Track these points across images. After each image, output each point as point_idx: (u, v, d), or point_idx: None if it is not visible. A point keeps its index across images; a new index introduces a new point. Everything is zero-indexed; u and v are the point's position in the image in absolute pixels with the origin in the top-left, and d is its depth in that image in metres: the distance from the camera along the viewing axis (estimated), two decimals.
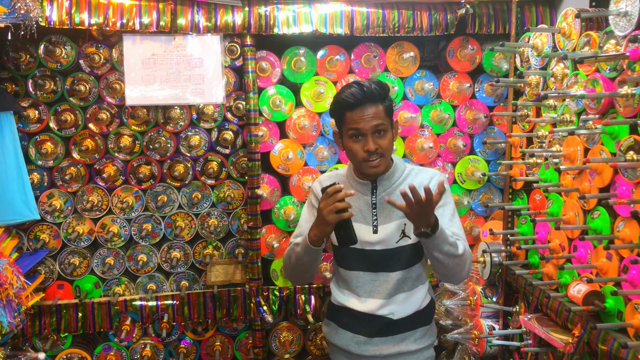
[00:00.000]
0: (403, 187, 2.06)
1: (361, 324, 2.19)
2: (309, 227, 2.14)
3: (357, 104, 2.02)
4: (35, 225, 2.74)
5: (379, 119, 2.03)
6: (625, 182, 1.93)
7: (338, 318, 2.26)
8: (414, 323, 2.20)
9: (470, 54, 2.87)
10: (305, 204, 2.33)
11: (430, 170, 2.25)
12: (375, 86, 2.04)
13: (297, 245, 2.14)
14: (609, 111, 2.03)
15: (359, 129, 2.03)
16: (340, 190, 1.93)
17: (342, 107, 2.06)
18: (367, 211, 2.16)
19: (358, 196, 2.17)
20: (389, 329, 2.17)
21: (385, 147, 2.06)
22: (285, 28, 2.70)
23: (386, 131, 2.06)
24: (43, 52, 2.63)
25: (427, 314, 2.26)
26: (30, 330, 2.74)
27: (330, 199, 1.94)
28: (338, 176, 2.29)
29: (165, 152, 2.80)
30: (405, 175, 2.19)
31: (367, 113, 2.02)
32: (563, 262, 2.25)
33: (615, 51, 1.95)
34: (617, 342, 1.89)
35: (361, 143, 2.05)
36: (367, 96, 2.02)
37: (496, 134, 2.96)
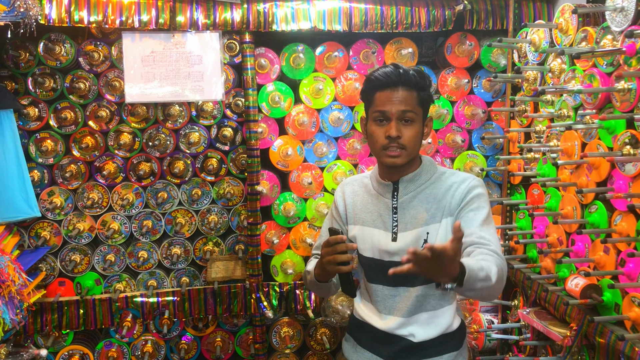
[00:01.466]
0: (430, 192, 1.93)
1: (381, 343, 2.00)
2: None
3: (389, 84, 1.84)
4: (36, 223, 2.75)
5: (409, 106, 1.83)
6: (622, 176, 1.95)
7: (358, 334, 2.10)
8: (440, 348, 1.96)
9: (468, 49, 2.88)
10: (328, 212, 2.23)
11: (462, 174, 1.98)
12: (413, 72, 1.86)
13: (309, 274, 2.03)
14: (606, 106, 2.05)
15: (384, 112, 1.84)
16: (342, 240, 1.79)
17: (372, 86, 1.89)
18: (387, 215, 1.96)
19: (378, 198, 2.00)
20: (410, 352, 1.95)
21: (408, 137, 1.84)
22: (284, 25, 2.71)
23: (414, 121, 1.85)
24: (42, 50, 2.64)
25: (455, 337, 2.00)
26: (32, 327, 2.75)
27: (330, 249, 1.79)
28: (362, 178, 2.12)
29: (165, 149, 2.81)
30: (435, 180, 1.96)
31: (397, 96, 1.83)
32: (561, 256, 2.27)
33: (612, 46, 1.97)
34: (614, 334, 1.91)
35: (384, 128, 1.85)
36: (401, 78, 1.83)
37: (494, 130, 2.98)
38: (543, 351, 2.52)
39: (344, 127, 2.89)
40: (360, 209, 2.05)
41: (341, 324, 2.91)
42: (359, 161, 2.93)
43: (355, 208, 2.06)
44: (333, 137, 2.92)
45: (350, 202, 2.08)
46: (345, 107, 2.88)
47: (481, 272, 1.62)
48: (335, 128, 2.89)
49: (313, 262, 2.07)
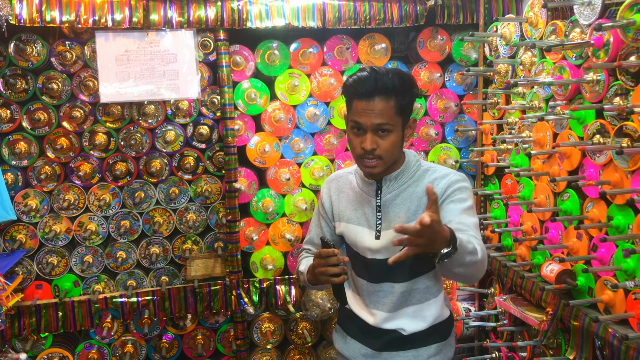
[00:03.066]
0: (413, 190, 1.92)
1: (370, 336, 2.02)
2: (317, 232, 2.16)
3: (365, 95, 1.77)
4: (11, 226, 2.71)
5: (385, 118, 1.77)
6: (593, 165, 2.01)
7: (347, 326, 2.12)
8: (428, 338, 1.99)
9: (439, 44, 2.93)
10: (316, 207, 2.25)
11: (444, 169, 1.97)
12: (391, 79, 1.77)
13: (301, 274, 2.08)
14: (576, 97, 2.12)
15: (359, 123, 1.80)
16: (333, 254, 1.77)
17: (349, 92, 1.85)
18: (371, 214, 1.96)
19: (362, 196, 2.00)
20: (399, 344, 1.98)
21: (385, 148, 1.80)
22: (258, 22, 2.72)
23: (390, 132, 1.80)
24: (13, 51, 2.59)
25: (443, 329, 2.04)
26: (9, 332, 2.71)
27: (322, 261, 1.79)
28: (346, 174, 2.11)
29: (140, 148, 2.80)
30: (418, 176, 1.94)
31: (373, 108, 1.76)
32: (535, 244, 2.34)
33: (580, 39, 2.04)
34: (588, 317, 1.98)
35: (360, 138, 1.82)
36: (377, 88, 1.76)
37: (467, 122, 3.03)
38: (520, 336, 2.58)
39: (320, 123, 2.91)
40: (345, 206, 2.06)
41: (321, 317, 2.94)
42: (336, 156, 2.96)
43: (340, 205, 2.08)
44: (309, 133, 2.94)
45: (336, 198, 2.10)
46: (321, 102, 2.90)
47: (469, 244, 1.62)
48: (312, 124, 2.91)
49: (305, 262, 2.10)
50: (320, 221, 2.16)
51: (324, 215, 2.15)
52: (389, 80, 1.76)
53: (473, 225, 1.79)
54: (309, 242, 2.20)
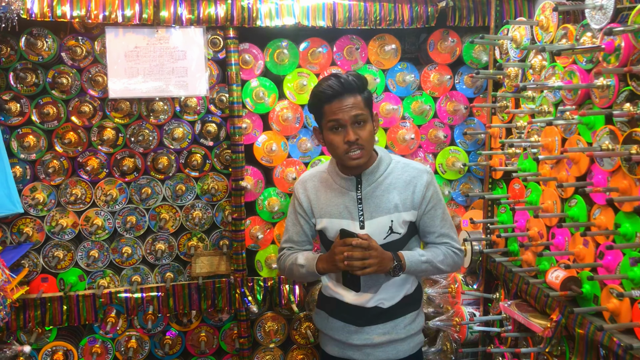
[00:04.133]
0: (390, 182, 2.15)
1: (352, 314, 2.22)
2: (297, 231, 2.28)
3: (335, 96, 2.00)
4: (19, 219, 2.73)
5: (359, 109, 2.01)
6: (601, 171, 1.99)
7: (328, 307, 2.30)
8: (404, 309, 2.23)
9: (450, 46, 2.91)
10: (290, 207, 2.34)
11: (416, 166, 2.21)
12: (352, 78, 2.02)
13: (302, 267, 2.16)
14: (585, 102, 2.09)
15: (338, 120, 2.00)
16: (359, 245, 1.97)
17: (320, 100, 2.04)
18: (353, 206, 2.15)
19: (342, 192, 2.17)
20: (380, 317, 2.20)
21: (365, 137, 2.03)
22: (268, 20, 2.71)
23: (366, 122, 2.03)
24: (24, 45, 2.61)
25: (415, 298, 2.28)
26: (14, 324, 2.73)
27: (346, 249, 1.98)
28: (319, 173, 2.27)
29: (148, 144, 2.81)
30: (391, 169, 2.18)
31: (346, 104, 1.99)
32: (542, 250, 2.32)
33: (591, 43, 2.01)
34: (593, 325, 1.96)
35: (341, 135, 2.02)
36: (345, 87, 2.00)
37: (476, 125, 3.01)
38: (524, 342, 2.56)
39: None
40: (325, 202, 2.20)
41: None
42: None
43: (319, 202, 2.22)
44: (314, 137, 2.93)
45: (314, 197, 2.23)
46: None
47: (422, 256, 2.11)
48: None
49: (301, 255, 2.22)
50: (299, 219, 2.27)
51: (302, 214, 2.26)
52: (351, 80, 2.01)
53: (451, 231, 2.24)
54: (289, 241, 2.31)
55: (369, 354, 2.22)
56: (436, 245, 2.22)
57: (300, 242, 2.30)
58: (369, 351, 2.22)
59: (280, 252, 2.35)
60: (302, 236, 2.30)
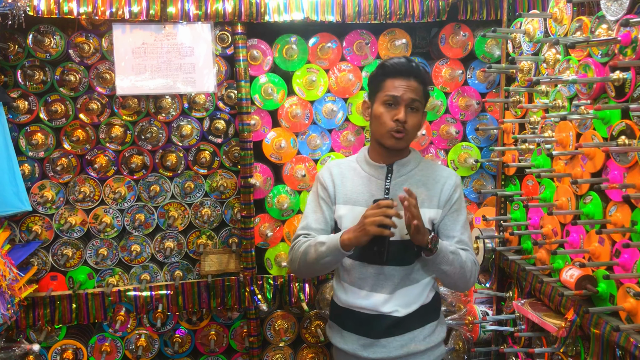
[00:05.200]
0: (419, 178, 2.08)
1: (366, 325, 2.07)
2: (316, 218, 2.11)
3: (402, 73, 1.97)
4: (27, 217, 2.73)
5: (418, 96, 1.98)
6: (617, 167, 1.94)
7: (341, 320, 2.15)
8: (421, 319, 2.09)
9: (462, 40, 2.86)
10: (311, 194, 2.21)
11: (446, 168, 2.18)
12: (422, 67, 2.03)
13: (322, 244, 1.97)
14: (601, 96, 2.04)
15: (396, 97, 1.96)
16: (392, 206, 1.85)
17: (384, 72, 2.01)
18: (380, 196, 2.03)
19: (370, 180, 2.08)
20: (396, 328, 2.05)
21: (412, 124, 1.99)
22: (277, 15, 2.68)
23: (418, 110, 2.00)
24: (32, 42, 2.60)
25: (433, 308, 2.14)
26: (24, 322, 2.73)
27: (378, 211, 1.84)
28: (347, 162, 2.19)
29: (157, 142, 2.79)
30: (422, 167, 2.11)
31: (409, 85, 1.97)
32: (556, 247, 2.27)
33: (607, 36, 1.95)
34: (609, 325, 1.91)
35: (392, 112, 1.97)
36: (413, 70, 1.98)
37: (488, 121, 2.97)
38: (538, 342, 2.51)
39: (338, 119, 2.87)
40: (350, 189, 2.09)
41: None
42: (353, 153, 2.90)
43: (344, 189, 2.11)
44: (327, 129, 2.90)
45: (339, 182, 2.12)
46: (339, 98, 2.86)
47: (450, 246, 1.98)
48: (329, 120, 2.87)
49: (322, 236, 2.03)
50: (320, 204, 2.14)
51: (325, 199, 2.13)
52: (422, 68, 2.02)
53: (470, 241, 2.11)
54: (306, 228, 2.12)
55: None
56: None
57: (318, 229, 2.11)
58: None
59: (295, 240, 2.14)
60: (322, 223, 2.12)
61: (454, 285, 2.09)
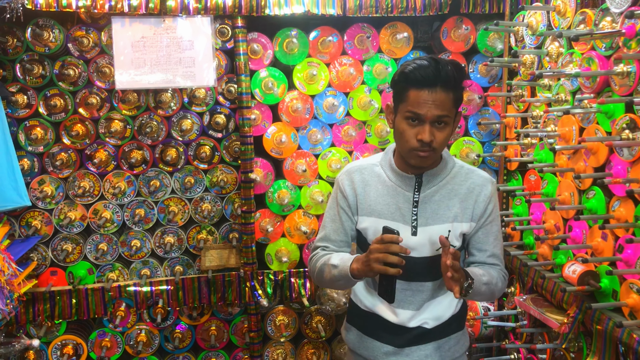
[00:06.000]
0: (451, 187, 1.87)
1: (392, 333, 1.94)
2: (335, 228, 1.95)
3: (427, 84, 1.68)
4: (27, 212, 2.72)
5: (445, 110, 1.70)
6: (621, 161, 1.92)
7: (363, 324, 2.00)
8: (448, 329, 1.95)
9: (464, 34, 2.84)
10: (330, 200, 2.02)
11: (481, 174, 1.92)
12: (452, 69, 1.70)
13: (335, 268, 1.82)
14: (605, 90, 2.02)
15: (419, 115, 1.70)
16: (397, 241, 1.66)
17: (407, 81, 1.72)
18: (407, 209, 1.85)
19: (396, 191, 1.87)
20: (422, 338, 1.92)
21: (440, 141, 1.73)
22: (277, 9, 2.66)
23: (447, 124, 1.73)
24: (30, 36, 2.58)
25: (461, 318, 2.01)
26: (24, 317, 2.73)
27: (382, 247, 1.66)
28: (370, 166, 1.95)
29: (156, 136, 2.77)
30: (454, 174, 1.88)
31: (435, 99, 1.68)
32: (558, 243, 2.26)
33: (611, 28, 1.93)
34: (612, 321, 1.90)
35: (416, 129, 1.72)
36: (441, 79, 1.68)
37: (491, 115, 2.94)
38: (540, 338, 2.50)
39: (339, 114, 2.85)
40: (375, 200, 1.90)
41: (336, 311, 2.89)
42: (354, 148, 2.90)
43: (367, 199, 1.91)
44: (327, 124, 2.88)
45: (362, 192, 1.92)
46: (340, 93, 2.84)
47: (483, 277, 1.79)
48: (330, 114, 2.85)
49: (336, 256, 1.88)
50: (340, 215, 1.95)
51: (346, 209, 1.94)
52: (450, 72, 1.69)
53: (501, 251, 1.96)
54: (325, 239, 1.97)
55: None
56: (487, 266, 1.91)
57: (337, 241, 1.95)
58: None
59: (314, 252, 1.99)
60: (341, 234, 1.95)
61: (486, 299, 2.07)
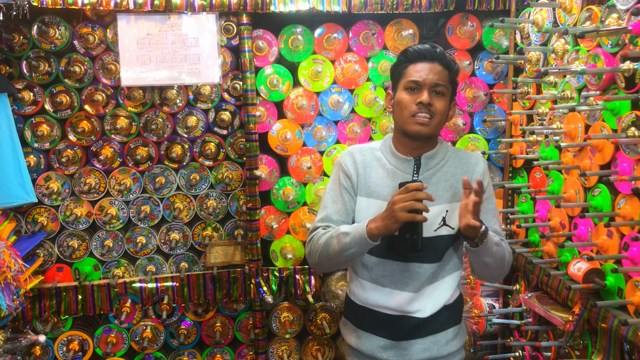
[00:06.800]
0: (448, 170, 1.95)
1: (388, 326, 1.96)
2: (337, 209, 1.96)
3: (425, 58, 1.86)
4: (33, 208, 2.73)
5: (442, 80, 1.86)
6: (627, 159, 1.91)
7: (359, 319, 2.03)
8: (445, 322, 1.98)
9: (470, 30, 2.83)
10: (331, 182, 2.03)
11: (472, 154, 2.04)
12: (448, 55, 1.92)
13: (345, 235, 1.82)
14: (610, 87, 2.01)
15: (417, 81, 1.84)
16: (422, 188, 1.72)
17: (406, 58, 1.89)
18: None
19: (396, 173, 1.93)
20: (418, 330, 1.94)
21: (438, 108, 1.85)
22: (282, 6, 2.66)
23: (444, 95, 1.87)
24: (36, 33, 2.59)
25: (456, 310, 2.04)
26: (30, 313, 2.74)
27: (407, 195, 1.69)
28: (371, 149, 2.01)
29: (162, 133, 2.78)
30: (449, 157, 1.97)
31: (433, 68, 1.85)
32: (563, 240, 2.25)
33: (617, 25, 1.92)
34: (617, 319, 1.89)
35: (415, 95, 1.85)
36: (437, 55, 1.87)
37: (496, 112, 2.94)
38: (545, 336, 2.50)
39: (344, 111, 2.85)
40: (375, 182, 1.95)
41: (341, 308, 2.89)
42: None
43: (367, 179, 1.96)
44: (332, 121, 2.88)
45: (362, 172, 1.97)
46: (345, 90, 2.84)
47: (494, 237, 1.85)
48: (335, 111, 2.85)
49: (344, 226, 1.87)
50: (343, 194, 1.97)
51: (349, 189, 1.97)
52: (445, 54, 1.91)
53: (501, 228, 2.01)
54: (326, 219, 1.96)
55: None
56: None
57: (339, 222, 1.95)
58: None
59: (313, 232, 1.97)
60: (343, 215, 1.96)
61: (490, 276, 1.98)
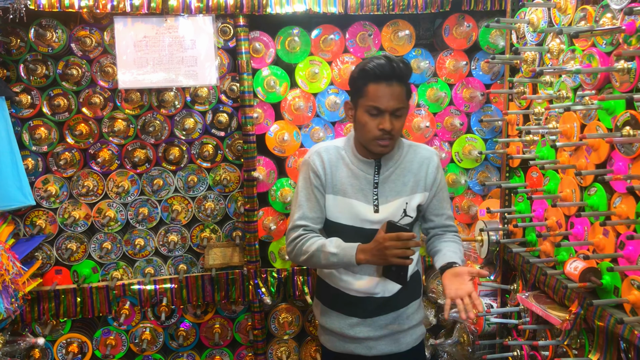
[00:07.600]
0: (405, 166, 2.11)
1: (355, 306, 2.14)
2: (311, 206, 2.08)
3: (384, 78, 1.91)
4: (31, 211, 2.73)
5: (401, 102, 1.94)
6: (622, 158, 1.92)
7: (329, 299, 2.21)
8: (406, 298, 2.16)
9: (466, 31, 2.84)
10: (301, 180, 2.13)
11: (426, 148, 2.18)
12: (403, 66, 1.94)
13: (334, 255, 1.98)
14: (605, 86, 2.02)
15: (379, 108, 1.92)
16: (413, 238, 1.87)
17: (366, 77, 1.94)
18: (368, 190, 2.07)
19: (358, 174, 2.07)
20: (383, 308, 2.13)
21: (398, 129, 1.97)
22: (279, 7, 2.66)
23: (403, 115, 1.98)
24: (34, 36, 2.59)
25: (415, 285, 2.22)
26: (29, 316, 2.74)
27: (400, 243, 1.86)
28: (335, 148, 2.13)
29: (160, 135, 2.78)
30: (405, 153, 2.12)
31: (392, 92, 1.92)
32: (560, 240, 2.25)
33: (611, 25, 1.93)
34: (613, 318, 1.90)
35: (377, 120, 1.94)
36: (396, 74, 1.91)
37: (493, 112, 2.94)
38: (542, 335, 2.50)
39: (341, 112, 2.86)
40: (340, 180, 2.09)
41: None
42: None
43: (334, 178, 2.09)
44: (330, 122, 2.89)
45: (329, 171, 2.10)
46: (342, 91, 2.85)
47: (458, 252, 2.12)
48: (332, 112, 2.85)
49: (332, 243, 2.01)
50: (314, 192, 2.09)
51: (319, 187, 2.10)
52: (402, 67, 1.94)
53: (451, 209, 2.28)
54: (303, 218, 2.09)
55: (371, 348, 2.16)
56: (444, 232, 2.21)
57: (315, 218, 2.10)
58: (371, 344, 2.15)
59: (294, 231, 2.09)
60: (317, 211, 2.10)
61: None
